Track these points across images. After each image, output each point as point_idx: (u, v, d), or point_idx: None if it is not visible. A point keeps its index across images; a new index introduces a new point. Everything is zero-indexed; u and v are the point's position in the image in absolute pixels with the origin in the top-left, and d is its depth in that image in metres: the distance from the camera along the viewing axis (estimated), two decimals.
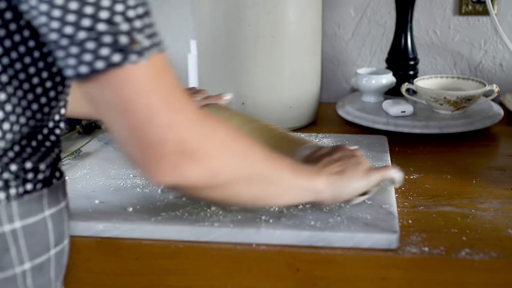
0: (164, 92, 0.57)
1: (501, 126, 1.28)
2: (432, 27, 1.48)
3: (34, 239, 0.62)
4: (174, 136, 0.58)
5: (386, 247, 0.79)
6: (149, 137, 0.57)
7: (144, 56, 0.55)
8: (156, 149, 0.58)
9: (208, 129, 0.62)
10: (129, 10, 0.55)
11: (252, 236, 0.81)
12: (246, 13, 1.20)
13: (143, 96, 0.56)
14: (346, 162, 0.82)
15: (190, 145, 0.59)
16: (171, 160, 0.58)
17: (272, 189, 0.72)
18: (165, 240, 0.82)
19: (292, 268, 0.79)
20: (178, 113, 0.58)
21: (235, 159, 0.65)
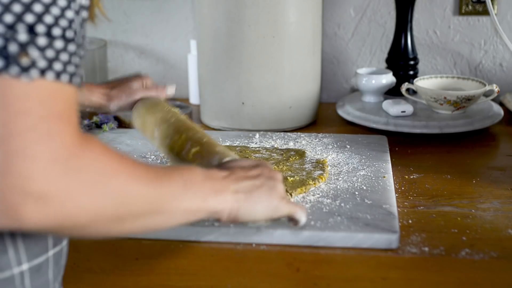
0: (32, 118, 0.51)
1: (501, 126, 1.28)
2: (432, 27, 1.48)
3: (32, 240, 0.61)
4: (19, 169, 0.51)
5: (386, 247, 0.79)
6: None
7: (28, 74, 0.51)
8: None
9: (70, 168, 0.53)
10: (39, 25, 0.51)
11: (252, 236, 0.81)
12: (246, 13, 1.20)
13: (6, 113, 0.50)
14: (261, 184, 0.75)
15: (36, 185, 0.51)
16: (8, 196, 0.51)
17: (154, 219, 0.64)
18: (165, 240, 0.82)
19: (292, 268, 0.79)
20: (37, 145, 0.51)
21: (101, 200, 0.57)
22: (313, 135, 1.18)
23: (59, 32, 0.53)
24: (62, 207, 0.54)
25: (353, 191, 0.92)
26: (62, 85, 0.53)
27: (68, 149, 0.54)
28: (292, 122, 1.29)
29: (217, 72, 1.27)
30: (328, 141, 1.14)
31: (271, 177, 0.76)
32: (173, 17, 1.56)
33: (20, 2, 0.51)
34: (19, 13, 0.51)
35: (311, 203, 0.88)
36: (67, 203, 0.54)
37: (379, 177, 0.98)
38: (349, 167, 1.02)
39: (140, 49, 1.58)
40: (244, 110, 1.26)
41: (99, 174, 0.57)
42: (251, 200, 0.73)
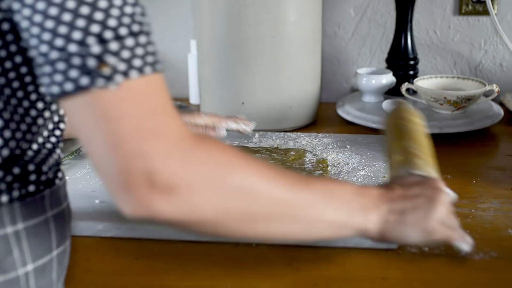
0: (134, 119, 0.53)
1: (501, 126, 1.28)
2: (432, 27, 1.48)
3: (36, 240, 0.61)
4: (141, 166, 0.53)
5: (386, 247, 0.79)
6: (116, 167, 0.53)
7: (114, 81, 0.52)
8: (124, 180, 0.54)
9: (189, 160, 0.55)
10: (106, 31, 0.52)
11: None
12: (246, 13, 1.20)
13: (109, 123, 0.53)
14: (416, 205, 0.69)
15: (161, 177, 0.54)
16: (139, 192, 0.54)
17: (289, 225, 0.63)
18: (165, 240, 0.82)
19: (292, 268, 0.79)
20: (147, 142, 0.53)
21: (226, 195, 0.58)
22: (313, 135, 1.18)
23: (125, 31, 0.53)
24: (188, 199, 0.55)
25: None
26: (148, 78, 0.54)
27: (182, 142, 0.55)
28: (292, 122, 1.29)
29: (217, 72, 1.27)
30: (328, 141, 1.14)
31: (432, 199, 0.70)
32: (173, 17, 1.55)
33: (82, 16, 0.52)
34: (85, 27, 0.52)
35: None
36: (192, 195, 0.56)
37: (379, 177, 0.98)
38: (349, 167, 1.02)
39: None
40: (244, 110, 1.26)
41: (219, 167, 0.57)
42: (402, 223, 0.68)
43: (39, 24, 0.52)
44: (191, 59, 1.46)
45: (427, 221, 0.69)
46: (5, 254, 0.58)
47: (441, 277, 0.77)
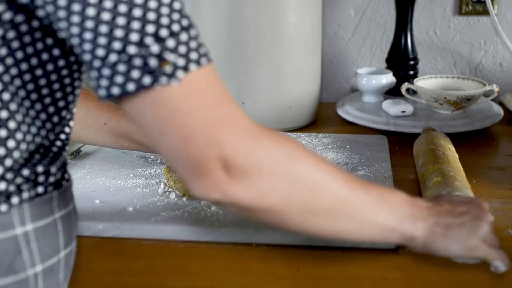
0: (202, 110, 0.56)
1: (501, 126, 1.28)
2: (432, 27, 1.48)
3: (45, 241, 0.62)
4: (215, 153, 0.57)
5: (386, 247, 0.79)
6: (190, 156, 0.57)
7: (176, 77, 0.55)
8: (199, 167, 0.57)
9: (258, 146, 0.59)
10: (161, 30, 0.54)
11: (252, 236, 0.81)
12: (246, 13, 1.20)
13: (178, 117, 0.56)
14: (463, 222, 0.70)
15: (234, 162, 0.57)
16: (214, 176, 0.57)
17: (345, 223, 0.65)
18: (165, 240, 0.82)
19: (292, 268, 0.79)
20: (218, 130, 0.57)
21: (291, 183, 0.60)
22: (313, 135, 1.18)
23: (178, 27, 0.55)
24: (258, 183, 0.59)
25: None
26: (205, 69, 0.57)
27: (250, 129, 0.59)
28: (292, 122, 1.29)
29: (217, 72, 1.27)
30: (328, 141, 1.14)
31: (477, 217, 0.71)
32: None
33: (136, 18, 0.54)
34: (141, 29, 0.54)
35: None
36: (262, 181, 0.59)
37: (379, 177, 0.98)
38: (349, 167, 1.02)
39: None
40: (244, 110, 1.25)
41: (285, 155, 0.60)
42: (447, 236, 0.69)
43: (92, 30, 0.53)
44: None
45: (471, 238, 0.70)
46: (15, 255, 0.59)
47: (441, 277, 0.77)
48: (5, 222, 0.58)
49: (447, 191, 0.82)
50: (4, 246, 0.58)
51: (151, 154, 1.09)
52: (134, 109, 0.57)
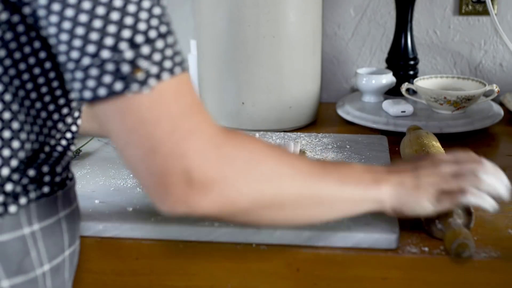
0: (169, 121, 0.55)
1: (501, 126, 1.28)
2: (432, 27, 1.48)
3: (51, 241, 0.62)
4: (179, 166, 0.55)
5: (386, 247, 0.79)
6: (153, 168, 0.55)
7: (147, 85, 0.53)
8: (162, 180, 0.56)
9: (223, 155, 0.58)
10: (137, 36, 0.53)
11: (252, 236, 0.81)
12: (246, 13, 1.20)
13: (145, 126, 0.54)
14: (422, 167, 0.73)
15: (198, 175, 0.56)
16: (178, 191, 0.56)
17: (314, 208, 0.66)
18: (165, 240, 0.82)
19: (292, 268, 0.79)
20: (184, 142, 0.55)
21: (257, 185, 0.60)
22: (313, 135, 1.18)
23: (155, 34, 0.54)
24: (224, 192, 0.58)
25: None
26: (178, 78, 0.55)
27: (215, 139, 0.57)
28: (292, 122, 1.29)
29: (217, 72, 1.27)
30: (328, 141, 1.14)
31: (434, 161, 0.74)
32: (173, 17, 1.55)
33: (113, 22, 0.52)
34: (116, 33, 0.52)
35: None
36: (228, 189, 0.58)
37: None
38: None
39: None
40: (244, 110, 1.26)
41: (249, 160, 0.60)
42: (413, 195, 0.71)
43: (69, 31, 0.52)
44: (191, 59, 1.46)
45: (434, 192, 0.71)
46: (23, 255, 0.59)
47: (441, 277, 0.77)
48: (13, 222, 0.58)
49: None
50: (13, 246, 0.58)
51: None
52: (103, 114, 0.55)
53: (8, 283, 0.58)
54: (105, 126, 0.56)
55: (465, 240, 0.74)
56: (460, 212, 0.80)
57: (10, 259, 0.58)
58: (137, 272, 0.82)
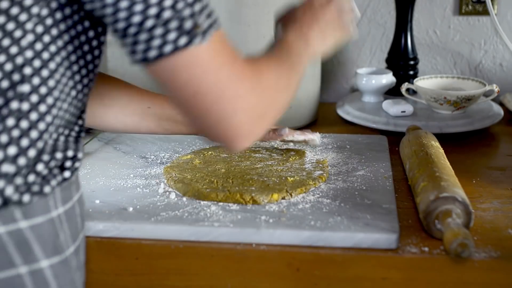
0: (228, 67, 0.62)
1: (501, 126, 1.28)
2: (432, 27, 1.48)
3: (71, 223, 0.65)
4: (244, 105, 0.64)
5: (386, 247, 0.79)
6: (223, 112, 0.63)
7: (205, 38, 0.60)
8: (232, 121, 0.63)
9: (261, 83, 0.67)
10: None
11: (252, 236, 0.81)
12: (246, 13, 1.20)
13: (211, 75, 0.61)
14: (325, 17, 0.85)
15: (257, 110, 0.66)
16: (245, 128, 0.65)
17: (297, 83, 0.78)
18: (165, 240, 0.82)
19: (292, 268, 0.79)
20: (243, 83, 0.64)
21: (284, 94, 0.73)
22: None
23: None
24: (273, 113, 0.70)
25: (353, 191, 0.92)
26: (220, 32, 0.64)
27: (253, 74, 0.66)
28: (292, 122, 1.29)
29: None
30: (328, 141, 1.14)
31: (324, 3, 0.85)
32: None
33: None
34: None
35: (311, 203, 0.88)
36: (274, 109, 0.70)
37: (379, 177, 0.98)
38: (349, 167, 1.02)
39: None
40: None
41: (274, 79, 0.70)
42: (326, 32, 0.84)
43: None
44: None
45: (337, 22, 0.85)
46: (55, 236, 0.62)
47: (441, 277, 0.77)
48: (44, 205, 0.61)
49: (435, 194, 0.82)
50: (46, 229, 0.61)
51: (151, 154, 1.09)
52: (167, 72, 0.61)
53: (48, 263, 0.61)
54: (169, 85, 0.62)
55: (465, 240, 0.74)
56: (460, 212, 0.80)
57: (46, 241, 0.61)
58: (137, 272, 0.82)
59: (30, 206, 0.59)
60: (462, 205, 0.80)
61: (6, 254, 0.58)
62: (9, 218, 0.58)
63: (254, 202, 0.88)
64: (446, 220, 0.79)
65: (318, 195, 0.91)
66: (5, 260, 0.58)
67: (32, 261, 0.60)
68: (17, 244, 0.59)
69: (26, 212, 0.59)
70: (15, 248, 0.58)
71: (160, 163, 1.05)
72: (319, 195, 0.91)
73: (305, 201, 0.89)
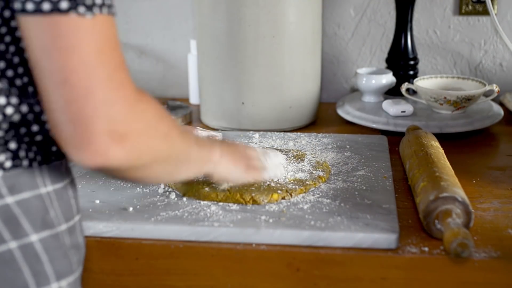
0: (109, 65, 0.58)
1: (501, 126, 1.29)
2: (432, 27, 1.48)
3: (62, 204, 0.66)
4: (107, 114, 0.58)
5: (386, 247, 0.79)
6: (83, 111, 0.57)
7: (92, 12, 0.56)
8: (88, 126, 0.57)
9: (138, 110, 0.62)
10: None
11: (252, 236, 0.81)
12: (246, 13, 1.20)
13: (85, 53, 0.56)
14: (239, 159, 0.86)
15: (119, 125, 0.59)
16: (100, 140, 0.58)
17: (183, 165, 0.74)
18: (165, 240, 0.82)
19: (292, 268, 0.79)
20: (118, 91, 0.59)
21: (158, 141, 0.66)
22: (313, 135, 1.18)
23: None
24: (136, 144, 0.61)
25: (353, 191, 0.92)
26: (111, 18, 0.59)
27: (135, 93, 0.61)
28: (292, 122, 1.29)
29: (217, 72, 1.27)
30: (328, 141, 1.14)
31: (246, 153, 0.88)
32: (173, 17, 1.55)
33: None
34: None
35: (311, 203, 0.88)
36: (139, 142, 0.62)
37: (379, 177, 0.98)
38: (348, 167, 1.02)
39: (140, 49, 1.58)
40: (244, 110, 1.26)
41: (154, 117, 0.65)
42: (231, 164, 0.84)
43: None
44: (191, 59, 1.46)
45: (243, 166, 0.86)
46: (44, 212, 0.63)
47: (441, 277, 0.77)
48: (30, 181, 0.62)
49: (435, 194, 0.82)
50: (34, 204, 0.62)
51: None
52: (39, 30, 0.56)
53: (37, 237, 0.62)
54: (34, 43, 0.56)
55: (464, 239, 0.74)
56: (460, 212, 0.80)
57: (34, 215, 0.62)
58: (137, 272, 0.82)
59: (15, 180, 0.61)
60: (462, 205, 0.80)
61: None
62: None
63: (254, 202, 0.88)
64: (446, 220, 0.79)
65: (318, 195, 0.91)
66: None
67: (21, 235, 0.61)
68: (5, 220, 0.60)
69: (11, 187, 0.61)
70: (3, 224, 0.60)
71: None
72: (319, 195, 0.91)
73: (305, 201, 0.89)
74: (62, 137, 0.59)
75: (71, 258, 0.66)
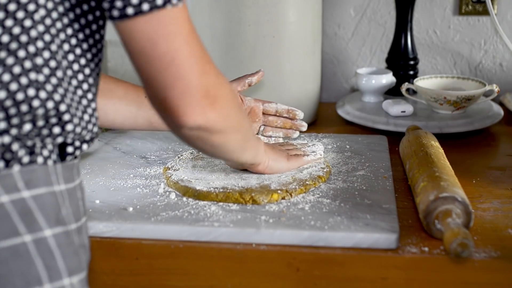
0: (198, 40, 0.67)
1: (501, 126, 1.29)
2: (432, 27, 1.48)
3: (73, 203, 0.67)
4: (206, 83, 0.67)
5: (386, 247, 0.79)
6: (190, 84, 0.66)
7: (180, 0, 0.64)
8: (195, 95, 0.67)
9: (222, 80, 0.72)
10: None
11: (252, 236, 0.81)
12: (246, 13, 1.20)
13: (183, 36, 0.65)
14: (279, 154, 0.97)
15: (214, 91, 0.69)
16: (200, 103, 0.68)
17: (248, 142, 0.85)
18: (165, 240, 0.82)
19: (292, 268, 0.79)
20: (209, 63, 0.68)
21: (236, 109, 0.76)
22: (313, 135, 1.18)
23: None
24: (224, 106, 0.71)
25: (353, 191, 0.92)
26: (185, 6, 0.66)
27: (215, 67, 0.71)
28: None
29: None
30: (328, 141, 1.14)
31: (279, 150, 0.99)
32: None
33: None
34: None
35: (311, 203, 0.88)
36: (226, 105, 0.72)
37: (379, 177, 0.98)
38: (349, 167, 1.02)
39: None
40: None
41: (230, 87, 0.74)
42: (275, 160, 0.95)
43: None
44: None
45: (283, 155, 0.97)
46: (58, 209, 0.64)
47: (441, 277, 0.77)
48: (46, 178, 0.64)
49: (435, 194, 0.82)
50: (49, 200, 0.64)
51: (151, 154, 1.09)
52: (140, 30, 0.63)
53: (51, 232, 0.63)
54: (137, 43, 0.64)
55: (464, 239, 0.74)
56: (459, 212, 0.80)
57: (48, 211, 0.63)
58: (137, 272, 0.82)
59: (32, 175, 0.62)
60: (462, 205, 0.80)
61: (11, 223, 0.61)
62: (11, 187, 0.61)
63: (254, 202, 0.88)
64: (446, 220, 0.79)
65: (318, 195, 0.91)
66: (10, 229, 0.61)
67: (35, 230, 0.62)
68: (21, 213, 0.61)
69: (28, 182, 0.62)
70: (19, 217, 0.61)
71: (160, 163, 1.05)
72: (319, 195, 0.91)
73: (305, 201, 0.89)
74: (168, 108, 0.67)
75: (80, 257, 0.67)
